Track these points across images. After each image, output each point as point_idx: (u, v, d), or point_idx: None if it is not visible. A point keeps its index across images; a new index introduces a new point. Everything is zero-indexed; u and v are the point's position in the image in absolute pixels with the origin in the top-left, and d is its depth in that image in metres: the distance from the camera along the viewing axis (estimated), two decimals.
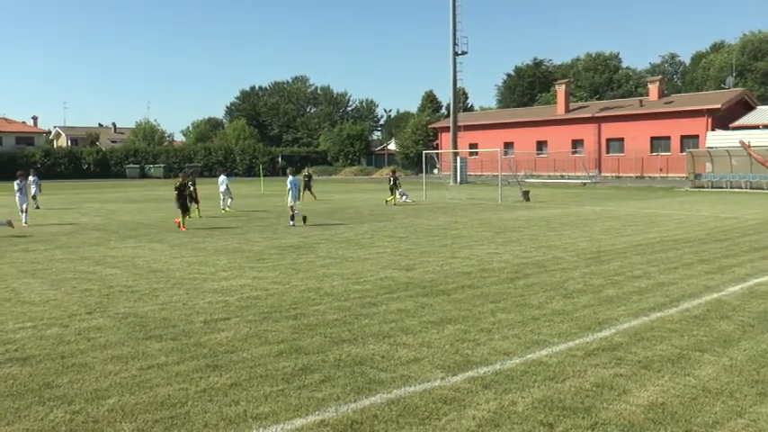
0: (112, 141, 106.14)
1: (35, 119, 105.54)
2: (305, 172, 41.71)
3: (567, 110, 71.05)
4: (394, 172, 32.88)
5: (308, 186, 37.22)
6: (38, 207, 29.90)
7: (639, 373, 6.58)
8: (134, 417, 5.60)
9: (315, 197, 36.45)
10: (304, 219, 21.58)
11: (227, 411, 5.68)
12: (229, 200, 28.97)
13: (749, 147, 14.36)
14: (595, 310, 9.26)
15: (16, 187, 23.90)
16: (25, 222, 22.75)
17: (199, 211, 24.86)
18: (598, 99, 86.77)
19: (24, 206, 23.43)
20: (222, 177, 29.72)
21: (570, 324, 8.49)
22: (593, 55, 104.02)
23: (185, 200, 21.76)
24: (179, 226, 20.89)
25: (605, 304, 9.59)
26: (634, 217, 23.72)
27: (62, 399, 6.01)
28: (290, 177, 22.27)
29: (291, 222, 21.36)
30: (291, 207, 21.56)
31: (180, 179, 22.21)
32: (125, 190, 51.39)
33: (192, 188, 23.63)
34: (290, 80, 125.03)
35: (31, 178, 30.27)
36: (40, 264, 13.99)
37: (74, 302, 10.07)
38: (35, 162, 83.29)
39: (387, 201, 31.60)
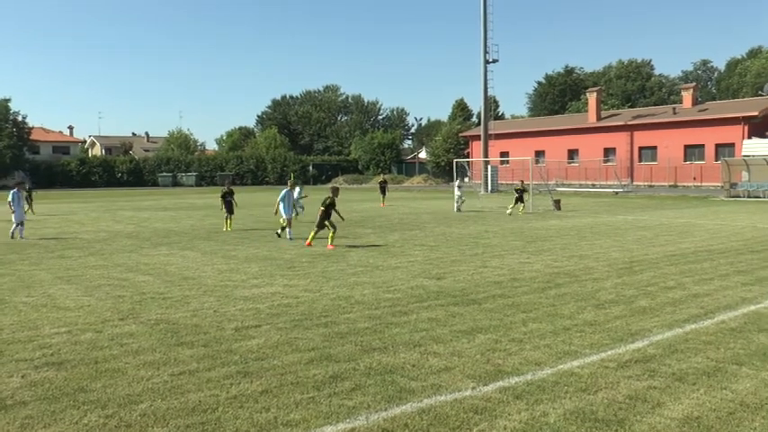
0: (145, 150, 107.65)
1: (71, 128, 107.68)
2: (380, 179, 43.02)
3: (599, 118, 70.42)
4: (384, 180, 39.92)
5: (383, 192, 39.52)
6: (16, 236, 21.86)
7: (674, 385, 6.48)
8: (166, 422, 5.66)
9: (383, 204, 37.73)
10: (278, 233, 20.42)
11: (257, 418, 5.71)
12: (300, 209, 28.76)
13: None
14: (628, 320, 9.14)
15: (11, 197, 21.50)
16: (21, 237, 20.99)
17: (231, 224, 23.74)
18: (630, 107, 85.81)
19: (21, 219, 21.35)
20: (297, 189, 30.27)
21: (602, 335, 8.39)
22: (625, 62, 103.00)
23: (230, 205, 23.56)
24: (279, 233, 20.29)
25: (638, 315, 9.47)
26: (667, 227, 23.39)
27: (96, 403, 6.10)
28: (285, 190, 20.72)
29: (278, 233, 20.46)
30: (288, 221, 20.33)
31: (225, 188, 24.12)
32: (158, 198, 52.07)
33: (228, 199, 23.75)
34: (321, 89, 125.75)
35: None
36: (74, 270, 14.23)
37: (107, 308, 10.22)
38: (71, 170, 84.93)
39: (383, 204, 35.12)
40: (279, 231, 20.63)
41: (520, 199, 30.74)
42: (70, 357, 7.57)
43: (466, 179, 67.59)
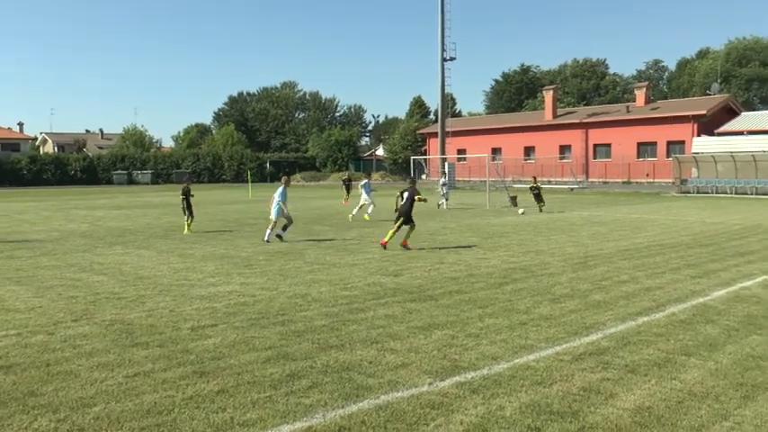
0: (100, 147, 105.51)
1: (21, 125, 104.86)
2: (344, 176, 42.64)
3: (555, 116, 71.34)
4: (348, 178, 38.78)
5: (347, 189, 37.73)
6: None
7: (626, 377, 6.61)
8: (120, 425, 5.56)
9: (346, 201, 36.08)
10: (279, 236, 18.55)
11: (213, 418, 5.65)
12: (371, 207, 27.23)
13: None
14: (582, 314, 9.29)
15: None
16: None
17: (189, 226, 22.09)
18: (585, 105, 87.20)
19: None
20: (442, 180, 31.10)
21: (557, 329, 8.52)
22: (581, 61, 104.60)
23: (190, 205, 21.83)
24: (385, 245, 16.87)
25: (592, 309, 9.63)
26: (621, 222, 23.84)
27: (47, 407, 5.96)
28: (282, 188, 19.18)
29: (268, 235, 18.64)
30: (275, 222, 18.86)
31: (185, 185, 22.26)
32: (113, 196, 51.12)
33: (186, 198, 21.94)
34: (279, 86, 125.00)
35: None
36: (25, 271, 13.88)
37: (59, 310, 9.99)
38: (21, 168, 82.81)
39: (342, 199, 34.34)
40: (281, 233, 18.65)
41: (538, 197, 29.68)
42: (20, 361, 7.38)
43: (423, 176, 67.90)
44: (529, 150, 71.04)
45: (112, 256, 15.97)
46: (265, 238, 18.44)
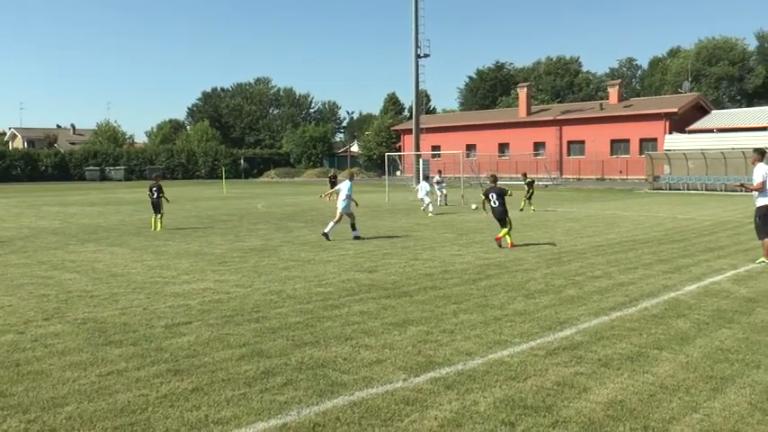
0: (71, 143, 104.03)
1: None
2: (330, 173, 42.09)
3: (529, 112, 71.80)
4: (334, 175, 38.98)
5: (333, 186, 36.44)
6: None
7: (599, 371, 6.68)
8: (93, 424, 5.49)
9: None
10: (326, 234, 17.88)
11: (188, 417, 5.61)
12: (431, 205, 27.16)
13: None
14: (557, 310, 9.37)
15: None
16: None
17: (160, 223, 21.53)
18: (559, 102, 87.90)
19: None
20: (437, 178, 30.77)
21: (532, 324, 8.58)
22: (554, 59, 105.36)
23: (157, 202, 21.45)
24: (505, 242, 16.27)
25: (566, 304, 9.71)
26: (594, 218, 24.07)
27: (17, 408, 5.87)
28: (348, 183, 18.49)
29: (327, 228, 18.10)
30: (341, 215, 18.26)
31: (154, 181, 22.15)
32: (85, 193, 50.48)
33: (154, 194, 21.67)
34: (253, 81, 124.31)
35: None
36: None
37: (30, 308, 9.85)
38: None
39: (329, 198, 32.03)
40: (328, 231, 17.94)
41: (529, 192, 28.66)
42: None
43: (398, 172, 67.91)
44: (503, 147, 71.42)
45: (85, 254, 15.78)
46: (326, 231, 17.95)
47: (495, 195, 16.30)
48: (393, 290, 10.86)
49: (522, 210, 27.53)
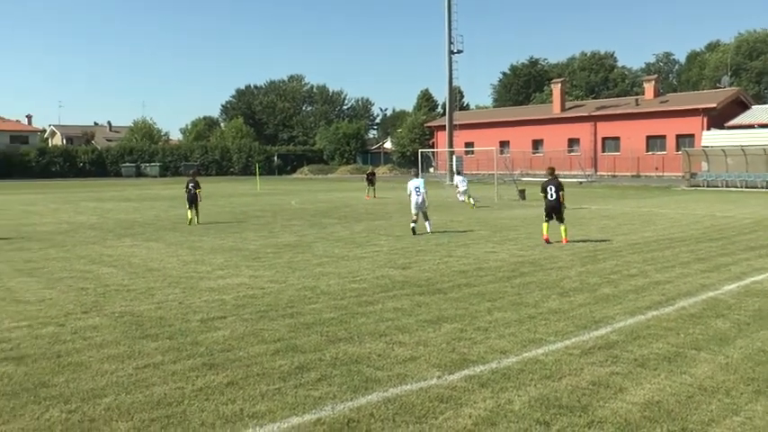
0: (108, 140, 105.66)
1: (29, 117, 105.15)
2: (368, 170, 41.67)
3: (563, 109, 71.04)
4: (372, 172, 38.27)
5: (371, 183, 36.53)
6: None
7: (636, 371, 6.59)
8: (130, 416, 5.59)
9: (375, 196, 35.00)
10: (413, 230, 18.20)
11: (223, 410, 5.68)
12: (471, 198, 29.07)
13: None
14: (591, 308, 9.27)
15: None
16: None
17: (197, 217, 22.13)
18: (594, 98, 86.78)
19: None
20: (460, 178, 30.46)
21: (566, 323, 8.50)
22: (589, 54, 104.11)
23: (192, 197, 21.89)
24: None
25: (601, 303, 9.61)
26: (630, 216, 23.76)
27: (58, 398, 6.00)
28: (411, 181, 18.87)
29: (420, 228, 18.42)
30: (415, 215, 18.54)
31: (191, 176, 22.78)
32: (121, 189, 51.28)
33: (191, 190, 21.99)
34: (286, 79, 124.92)
35: None
36: (35, 263, 13.96)
37: (69, 301, 10.05)
38: (30, 161, 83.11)
39: (368, 196, 34.34)
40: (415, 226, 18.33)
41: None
42: (31, 352, 7.43)
43: (431, 169, 67.80)
44: (537, 143, 70.80)
45: (121, 249, 16.04)
46: (428, 230, 18.23)
47: (553, 188, 16.34)
48: (427, 287, 10.85)
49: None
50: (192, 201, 21.98)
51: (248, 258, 14.19)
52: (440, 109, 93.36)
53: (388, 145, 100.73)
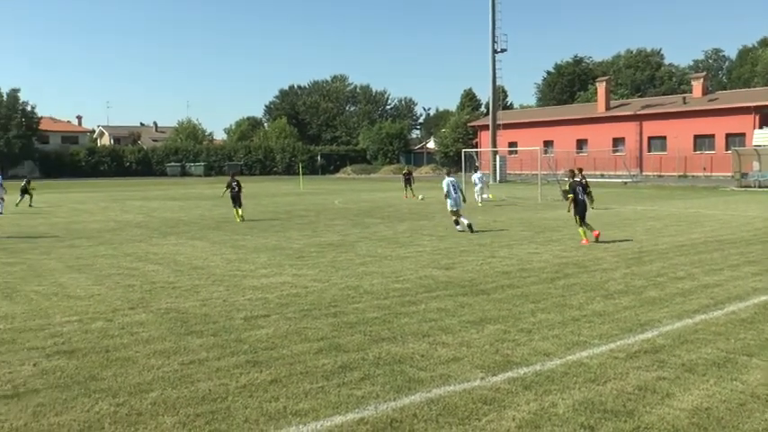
0: (154, 140, 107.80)
1: (79, 118, 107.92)
2: (404, 170, 42.21)
3: (608, 107, 70.07)
4: (409, 171, 38.91)
5: (408, 183, 36.65)
6: None
7: (683, 376, 6.45)
8: (176, 410, 5.68)
9: (414, 196, 34.93)
10: (470, 226, 18.46)
11: (267, 407, 5.73)
12: (485, 194, 30.50)
13: None
14: (637, 311, 9.11)
15: None
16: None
17: (239, 215, 23.15)
18: (639, 97, 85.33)
19: None
20: (478, 174, 31.32)
21: (611, 325, 8.37)
22: (635, 52, 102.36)
23: (236, 196, 23.32)
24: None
25: (647, 306, 9.44)
26: (677, 217, 23.29)
27: (107, 391, 6.14)
28: (447, 179, 19.48)
29: (458, 227, 18.83)
30: (453, 212, 19.15)
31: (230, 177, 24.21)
32: (166, 188, 52.20)
33: (235, 188, 23.31)
34: (329, 79, 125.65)
35: None
36: (85, 259, 14.31)
37: (117, 297, 10.28)
38: (79, 160, 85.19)
39: (406, 196, 34.83)
40: (459, 227, 18.82)
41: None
42: (81, 346, 7.62)
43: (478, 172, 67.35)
44: (581, 143, 69.96)
45: (167, 247, 16.32)
46: (471, 229, 18.45)
47: (581, 189, 16.22)
48: (470, 287, 10.80)
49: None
50: (237, 199, 23.27)
51: (292, 257, 14.31)
52: (483, 108, 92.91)
53: (431, 145, 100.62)
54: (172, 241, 17.43)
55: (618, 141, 66.95)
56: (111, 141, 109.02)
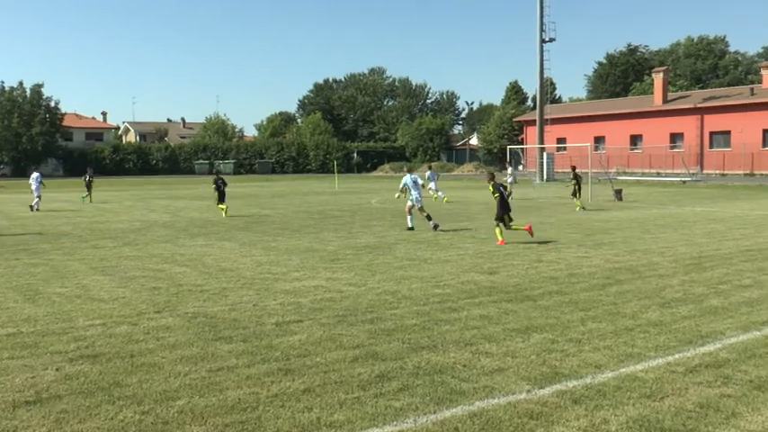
0: (181, 137, 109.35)
1: (104, 114, 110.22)
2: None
3: (665, 100, 69.03)
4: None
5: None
6: (33, 208, 29.17)
7: (751, 394, 6.30)
8: (204, 420, 5.75)
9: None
10: (435, 226, 19.61)
11: (299, 418, 5.76)
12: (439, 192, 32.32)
13: None
14: (697, 321, 8.95)
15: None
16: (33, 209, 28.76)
17: (224, 209, 25.44)
18: (701, 88, 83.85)
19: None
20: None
21: (668, 336, 8.24)
22: (696, 39, 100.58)
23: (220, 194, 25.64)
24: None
25: (709, 316, 9.27)
26: (742, 219, 22.84)
27: (132, 398, 6.23)
28: (407, 176, 20.81)
29: (409, 224, 19.91)
30: (410, 208, 20.24)
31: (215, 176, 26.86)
32: (194, 186, 52.87)
33: (221, 186, 25.69)
34: (366, 72, 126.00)
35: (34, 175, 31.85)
36: (109, 261, 14.56)
37: (142, 300, 10.44)
38: (104, 158, 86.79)
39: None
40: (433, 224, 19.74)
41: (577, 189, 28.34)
42: (105, 350, 7.75)
43: (520, 167, 67.07)
44: (635, 139, 69.08)
45: (194, 248, 16.53)
46: (436, 228, 19.58)
47: (503, 189, 17.39)
48: (515, 293, 10.74)
49: (582, 209, 26.86)
50: (223, 196, 25.63)
51: (326, 260, 14.38)
52: (530, 102, 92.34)
53: (473, 141, 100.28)
54: (199, 242, 17.65)
55: (676, 137, 65.89)
56: (137, 138, 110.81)
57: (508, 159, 42.10)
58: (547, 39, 57.87)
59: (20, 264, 14.23)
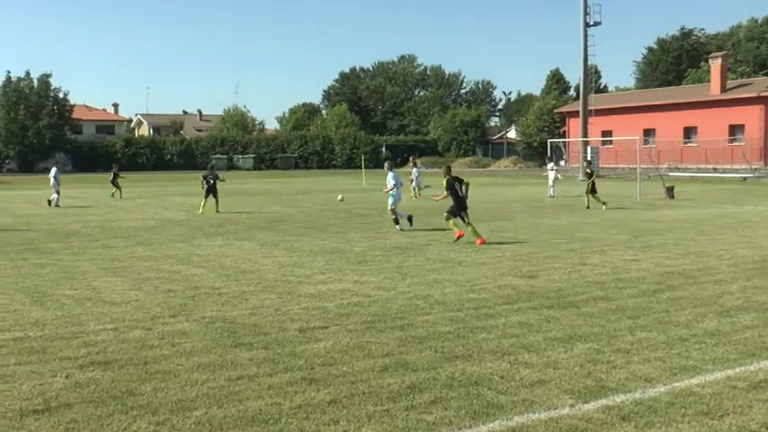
0: (198, 130, 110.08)
1: (116, 106, 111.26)
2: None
3: (724, 89, 68.21)
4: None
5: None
6: (52, 203, 30.42)
7: None
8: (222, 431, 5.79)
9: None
10: (409, 219, 20.38)
11: (325, 431, 5.78)
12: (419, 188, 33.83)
13: None
14: (761, 332, 8.84)
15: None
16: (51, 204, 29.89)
17: (217, 206, 26.58)
18: (765, 75, 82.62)
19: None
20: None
21: (728, 348, 8.14)
22: (759, 20, 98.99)
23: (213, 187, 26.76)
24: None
25: None
26: None
27: (146, 408, 6.30)
28: (390, 173, 21.09)
29: (397, 226, 20.02)
30: (393, 210, 20.55)
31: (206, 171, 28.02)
32: None
33: (211, 181, 26.82)
34: (396, 60, 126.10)
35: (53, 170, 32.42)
36: (121, 261, 14.73)
37: (157, 304, 10.55)
38: (115, 152, 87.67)
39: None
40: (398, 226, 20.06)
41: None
42: (117, 357, 7.84)
43: (562, 162, 66.71)
44: (689, 132, 68.37)
45: (212, 248, 16.67)
46: (411, 222, 20.36)
47: (459, 185, 17.52)
48: (557, 299, 10.69)
49: (593, 204, 26.98)
50: (212, 191, 26.63)
51: (353, 262, 14.42)
52: (572, 92, 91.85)
53: (511, 134, 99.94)
54: (217, 242, 17.79)
55: (736, 129, 65.13)
56: (151, 131, 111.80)
57: (549, 154, 41.99)
58: (591, 22, 57.45)
59: (27, 264, 14.46)
